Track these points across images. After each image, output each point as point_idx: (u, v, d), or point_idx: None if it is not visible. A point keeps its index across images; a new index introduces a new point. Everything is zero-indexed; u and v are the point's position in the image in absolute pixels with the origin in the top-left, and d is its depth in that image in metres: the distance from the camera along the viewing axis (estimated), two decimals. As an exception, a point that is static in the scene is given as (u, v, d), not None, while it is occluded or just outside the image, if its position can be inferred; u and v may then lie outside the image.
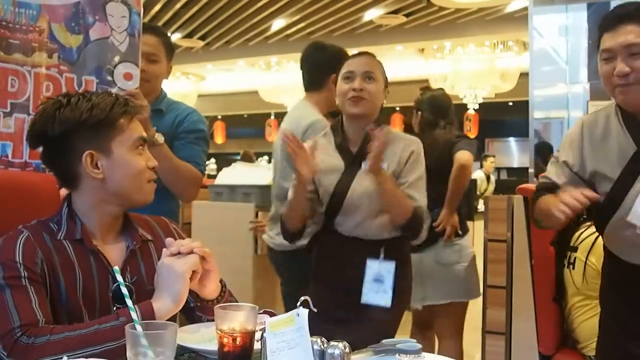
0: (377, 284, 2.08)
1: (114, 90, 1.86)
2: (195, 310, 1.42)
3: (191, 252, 1.29)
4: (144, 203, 1.40)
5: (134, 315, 1.13)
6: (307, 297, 1.10)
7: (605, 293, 1.92)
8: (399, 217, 2.07)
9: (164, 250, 1.31)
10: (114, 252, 1.38)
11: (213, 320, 1.20)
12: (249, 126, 16.68)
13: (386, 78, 2.22)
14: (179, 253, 1.29)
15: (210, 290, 1.37)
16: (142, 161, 1.38)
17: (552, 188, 1.78)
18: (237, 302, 1.43)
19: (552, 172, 1.85)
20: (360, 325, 2.05)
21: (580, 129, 1.82)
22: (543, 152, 5.40)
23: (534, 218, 1.88)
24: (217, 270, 1.36)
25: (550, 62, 6.89)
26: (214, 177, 6.43)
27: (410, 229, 2.10)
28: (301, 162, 1.99)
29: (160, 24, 9.00)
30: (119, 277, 1.19)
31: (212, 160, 9.78)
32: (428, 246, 2.84)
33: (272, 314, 1.27)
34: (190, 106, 2.41)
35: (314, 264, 2.26)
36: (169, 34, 9.97)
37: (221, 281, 1.42)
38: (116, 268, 1.22)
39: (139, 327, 1.04)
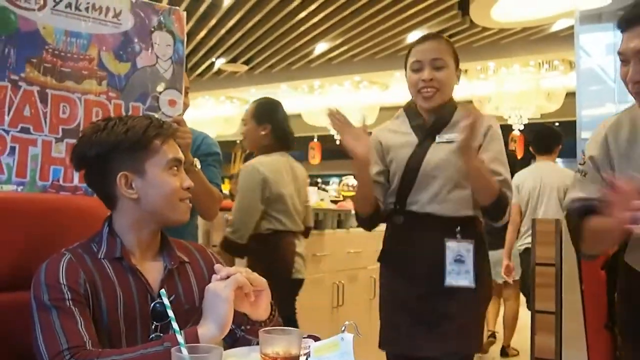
0: (458, 264, 2.01)
1: (157, 116, 1.90)
2: (243, 336, 1.42)
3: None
4: (179, 222, 1.43)
5: (179, 338, 1.13)
6: (352, 322, 1.09)
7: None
8: (486, 198, 2.00)
9: (213, 275, 1.32)
10: (152, 271, 1.41)
11: None
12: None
13: (457, 59, 2.14)
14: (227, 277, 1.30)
15: (261, 311, 1.38)
16: (176, 181, 1.41)
17: (591, 207, 1.65)
18: (283, 325, 1.44)
19: (584, 189, 1.71)
20: (448, 312, 2.00)
21: (604, 134, 1.71)
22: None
23: (580, 249, 1.76)
24: (268, 292, 1.37)
25: (598, 81, 6.75)
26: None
27: (495, 210, 2.02)
28: (350, 138, 1.93)
29: (205, 49, 9.21)
30: (166, 300, 1.20)
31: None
32: None
33: (316, 339, 1.26)
34: (201, 131, 2.50)
35: (385, 248, 2.21)
36: (214, 59, 10.15)
37: (272, 304, 1.42)
38: (163, 291, 1.23)
39: (184, 351, 1.04)
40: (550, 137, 4.61)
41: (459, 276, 2.00)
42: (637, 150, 1.65)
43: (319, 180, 9.90)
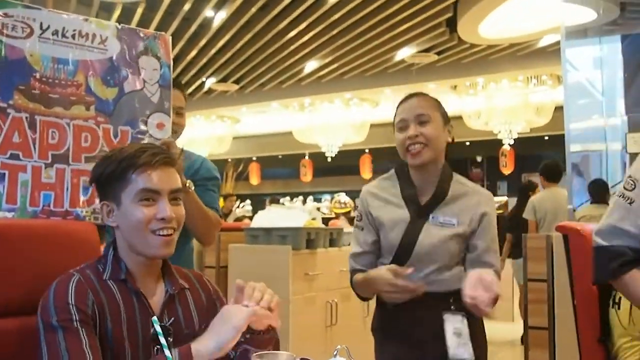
0: (457, 337, 1.97)
1: (145, 139, 1.91)
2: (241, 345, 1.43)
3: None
4: (156, 256, 1.42)
5: None
6: (344, 346, 1.09)
7: None
8: None
9: (236, 296, 1.34)
10: (155, 295, 1.43)
11: (259, 350, 1.24)
12: (284, 167, 16.83)
13: (445, 113, 2.08)
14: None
15: (264, 324, 1.38)
16: (148, 212, 1.38)
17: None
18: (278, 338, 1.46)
19: (628, 220, 1.55)
20: None
21: None
22: (597, 190, 5.24)
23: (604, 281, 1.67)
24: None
25: (585, 95, 6.82)
26: (251, 218, 6.48)
27: None
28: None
29: (195, 69, 9.24)
30: (158, 328, 1.21)
31: (248, 201, 9.86)
32: None
33: (308, 363, 1.25)
34: (200, 154, 2.48)
35: (378, 322, 2.15)
36: (204, 79, 10.22)
37: None
38: (154, 319, 1.24)
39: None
40: (557, 169, 5.77)
41: (459, 349, 1.98)
42: None
43: (311, 197, 9.91)
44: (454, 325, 1.99)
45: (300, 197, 10.04)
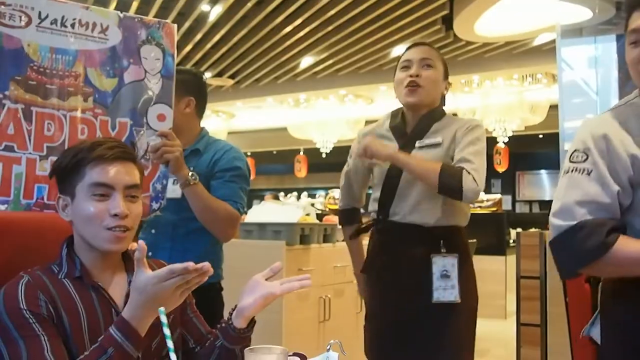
0: (445, 279, 2.01)
1: (143, 130, 1.90)
2: (198, 350, 1.43)
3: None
4: (108, 251, 1.39)
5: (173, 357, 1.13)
6: (337, 341, 1.09)
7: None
8: (428, 181, 1.97)
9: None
10: (116, 287, 1.41)
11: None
12: (279, 162, 16.80)
13: (446, 69, 2.15)
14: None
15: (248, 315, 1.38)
16: (100, 207, 1.36)
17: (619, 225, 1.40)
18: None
19: (594, 190, 1.40)
20: (439, 329, 2.00)
21: (617, 122, 1.45)
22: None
23: (576, 273, 1.52)
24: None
25: (580, 94, 6.83)
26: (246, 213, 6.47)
27: (446, 193, 1.97)
28: None
29: (191, 63, 9.21)
30: (163, 318, 1.17)
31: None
32: None
33: (302, 357, 1.26)
34: (228, 143, 2.37)
35: (370, 259, 2.20)
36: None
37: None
38: (161, 309, 1.20)
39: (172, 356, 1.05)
40: None
41: (445, 292, 2.00)
42: None
43: (306, 193, 9.89)
44: (443, 268, 2.01)
45: (295, 193, 10.03)
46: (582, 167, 1.42)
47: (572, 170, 1.44)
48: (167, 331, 1.16)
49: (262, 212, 4.06)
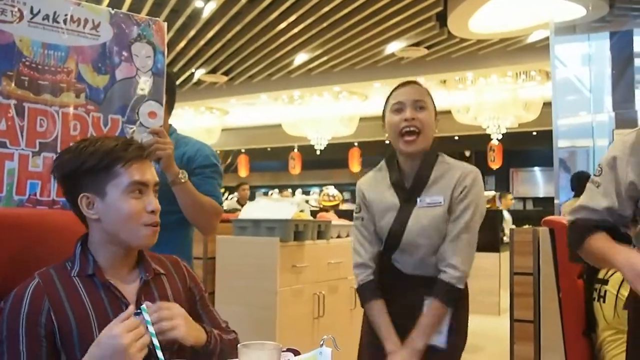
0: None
1: (135, 127, 1.89)
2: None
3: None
4: (141, 247, 1.45)
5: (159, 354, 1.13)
6: (330, 336, 1.09)
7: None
8: None
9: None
10: (128, 285, 1.43)
11: None
12: (273, 159, 16.80)
13: (435, 107, 2.13)
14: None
15: (193, 337, 1.37)
16: (137, 205, 1.40)
17: (600, 224, 1.71)
18: (238, 338, 1.49)
19: (595, 199, 1.75)
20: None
21: (630, 149, 1.70)
22: (580, 182, 5.31)
23: (578, 258, 1.79)
24: (183, 321, 1.35)
25: (573, 91, 6.86)
26: (239, 210, 6.46)
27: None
28: None
29: (184, 60, 9.20)
30: (147, 316, 1.19)
31: (236, 194, 9.80)
32: None
33: (296, 352, 1.26)
34: (199, 140, 2.42)
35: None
36: (193, 70, 10.13)
37: (205, 328, 1.44)
38: (144, 306, 1.23)
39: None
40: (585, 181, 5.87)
41: (432, 336, 2.00)
42: None
43: (300, 190, 9.89)
44: None
45: (289, 190, 10.04)
46: (596, 179, 1.78)
47: (590, 181, 1.81)
48: (151, 328, 1.16)
49: (256, 208, 4.05)
